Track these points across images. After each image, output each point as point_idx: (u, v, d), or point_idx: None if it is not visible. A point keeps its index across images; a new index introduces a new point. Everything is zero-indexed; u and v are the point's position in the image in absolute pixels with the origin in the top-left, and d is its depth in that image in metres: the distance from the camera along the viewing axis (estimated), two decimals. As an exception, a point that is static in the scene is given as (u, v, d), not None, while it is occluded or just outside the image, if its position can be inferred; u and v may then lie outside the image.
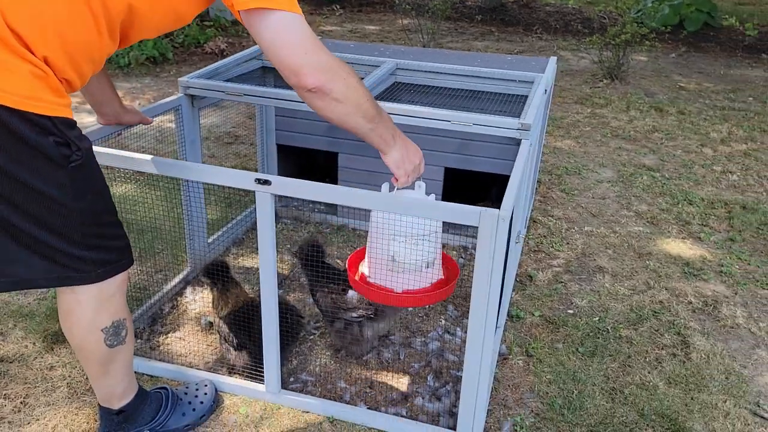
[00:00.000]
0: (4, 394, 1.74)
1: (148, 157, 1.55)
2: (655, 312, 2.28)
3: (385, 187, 1.55)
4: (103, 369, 1.46)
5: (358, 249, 1.76)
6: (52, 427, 1.64)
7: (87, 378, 1.80)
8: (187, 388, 1.71)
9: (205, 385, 1.73)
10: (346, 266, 1.70)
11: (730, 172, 3.65)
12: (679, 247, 2.77)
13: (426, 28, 6.41)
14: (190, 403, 1.66)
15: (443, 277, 1.66)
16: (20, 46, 1.11)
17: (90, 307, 1.36)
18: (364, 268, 1.67)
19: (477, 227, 1.37)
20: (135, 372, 1.69)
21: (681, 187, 3.42)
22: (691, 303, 2.35)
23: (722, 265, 2.62)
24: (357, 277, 1.65)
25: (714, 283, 2.50)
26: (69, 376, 1.81)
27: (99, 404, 1.55)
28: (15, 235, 1.22)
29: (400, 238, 1.55)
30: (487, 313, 1.45)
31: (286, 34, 1.24)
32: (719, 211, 3.14)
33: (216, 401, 1.72)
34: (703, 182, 3.51)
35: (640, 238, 2.83)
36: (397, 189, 1.55)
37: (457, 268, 1.71)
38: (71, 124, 1.21)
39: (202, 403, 1.67)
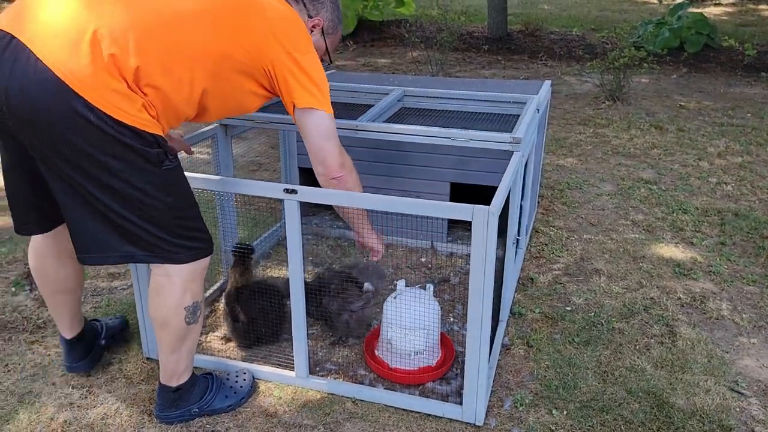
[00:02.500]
0: (72, 385, 2.01)
1: (192, 174, 1.84)
2: (646, 307, 2.50)
3: (401, 283, 2.05)
4: (177, 345, 1.74)
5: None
6: (114, 409, 1.90)
7: (140, 371, 2.07)
8: (228, 375, 1.97)
9: (244, 373, 1.99)
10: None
11: (725, 183, 3.87)
12: (671, 250, 2.99)
13: (435, 59, 6.75)
14: (231, 387, 1.92)
15: (433, 364, 2.04)
16: (137, 87, 1.46)
17: (179, 287, 1.66)
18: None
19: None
20: (195, 366, 1.96)
21: (677, 197, 3.64)
22: (680, 299, 2.57)
23: (711, 266, 2.84)
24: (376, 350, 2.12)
25: (703, 281, 2.72)
26: (125, 369, 2.08)
27: (159, 383, 1.82)
28: (119, 222, 1.53)
29: (396, 327, 1.98)
30: (483, 297, 1.69)
31: (325, 130, 1.73)
32: (712, 219, 3.36)
33: (253, 387, 1.98)
34: (698, 193, 3.73)
35: (635, 243, 3.06)
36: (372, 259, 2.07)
37: (452, 355, 2.11)
38: (165, 141, 1.55)
39: (241, 387, 1.93)
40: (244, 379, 1.97)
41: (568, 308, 2.49)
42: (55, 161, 1.47)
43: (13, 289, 2.56)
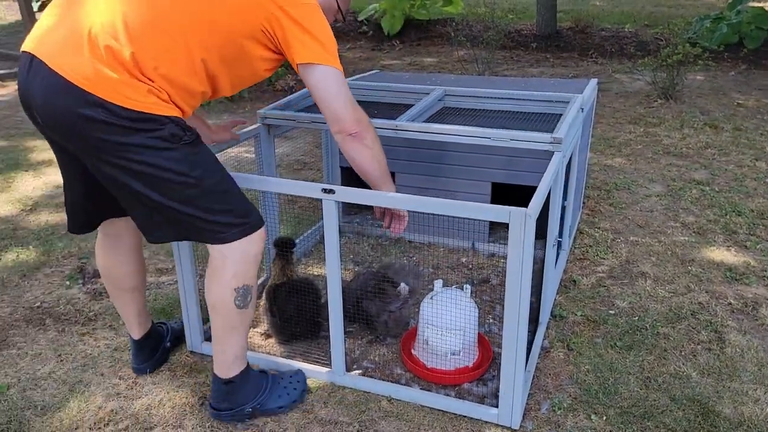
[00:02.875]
0: (119, 376, 2.08)
1: (233, 173, 1.88)
2: (694, 312, 2.42)
3: (438, 283, 2.03)
4: (226, 331, 1.77)
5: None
6: (158, 401, 1.96)
7: (183, 364, 2.13)
8: (282, 375, 1.97)
9: (298, 375, 1.98)
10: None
11: (783, 185, 3.71)
12: (723, 254, 2.89)
13: (481, 58, 6.69)
14: (285, 388, 1.92)
15: (470, 365, 2.04)
16: (140, 74, 1.50)
17: (230, 268, 1.68)
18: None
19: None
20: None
21: (731, 199, 3.51)
22: (730, 304, 2.48)
23: (766, 270, 2.72)
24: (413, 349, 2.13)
25: (756, 286, 2.61)
26: (170, 362, 2.15)
27: (213, 373, 1.85)
28: (158, 207, 1.59)
29: (433, 327, 1.98)
30: (520, 299, 1.67)
31: (330, 85, 1.65)
32: (768, 221, 3.22)
33: (306, 390, 1.97)
34: (754, 194, 3.58)
35: (684, 246, 2.97)
36: (387, 230, 2.03)
37: (490, 357, 2.10)
38: (181, 119, 1.57)
39: (295, 389, 1.92)
40: (298, 381, 1.96)
41: (611, 312, 2.43)
42: (89, 159, 1.57)
43: (68, 282, 2.67)
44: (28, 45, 1.53)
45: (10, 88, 6.48)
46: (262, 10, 1.58)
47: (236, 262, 1.69)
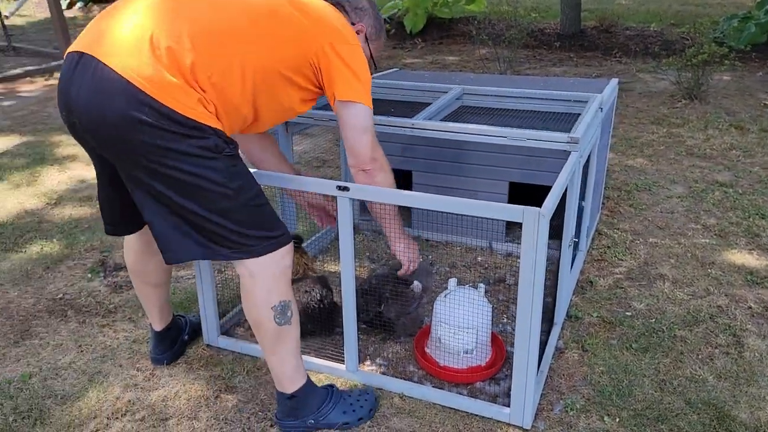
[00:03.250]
0: (137, 367, 2.13)
1: (254, 170, 1.90)
2: (712, 315, 2.39)
3: (452, 282, 2.05)
4: (274, 347, 1.75)
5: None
6: (174, 392, 2.00)
7: (200, 358, 2.16)
8: (350, 392, 1.94)
9: (368, 393, 1.94)
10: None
11: (810, 187, 3.63)
12: (744, 257, 2.84)
13: (503, 56, 6.66)
14: (351, 404, 1.88)
15: (483, 363, 2.04)
16: (195, 82, 1.51)
17: (263, 287, 1.67)
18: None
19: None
20: (251, 356, 2.04)
21: (754, 202, 3.45)
22: (750, 308, 2.44)
23: (788, 275, 2.68)
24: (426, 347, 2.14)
25: (777, 290, 2.57)
26: (186, 354, 2.18)
27: (276, 389, 1.84)
28: (191, 218, 1.57)
29: (446, 326, 1.99)
30: (533, 299, 1.67)
31: (361, 122, 1.76)
32: (792, 225, 3.16)
33: (375, 409, 1.91)
34: (778, 197, 3.52)
35: (705, 249, 2.93)
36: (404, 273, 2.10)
37: (503, 356, 2.10)
38: (224, 132, 1.58)
39: (362, 407, 1.89)
40: (366, 399, 1.92)
41: (627, 313, 2.41)
42: (126, 165, 1.55)
43: (89, 275, 2.73)
44: (77, 45, 1.52)
45: (39, 84, 6.62)
46: (314, 42, 1.66)
47: (266, 279, 1.67)
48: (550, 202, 1.66)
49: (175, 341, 2.15)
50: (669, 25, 8.99)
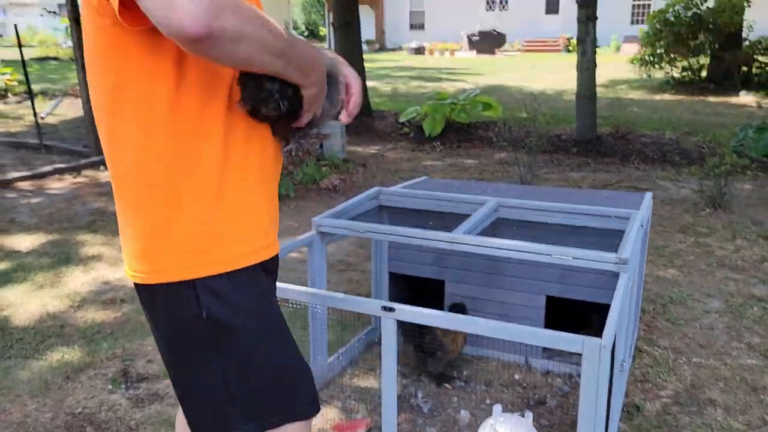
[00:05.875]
0: (157, 495, 1.98)
1: (288, 285, 1.85)
2: (774, 448, 2.23)
3: (497, 408, 2.00)
4: None
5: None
6: None
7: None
8: None
9: None
10: None
11: None
12: (797, 381, 2.70)
13: (522, 161, 6.75)
14: None
15: None
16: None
17: None
18: None
19: (581, 355, 1.52)
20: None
21: (796, 318, 3.33)
22: (813, 441, 2.28)
23: None
24: None
25: (839, 420, 2.41)
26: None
27: None
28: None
29: None
30: (593, 435, 1.55)
31: None
32: (841, 345, 3.02)
33: None
34: (820, 314, 3.39)
35: (753, 371, 2.78)
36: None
37: None
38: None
39: None
40: None
41: (681, 444, 2.25)
42: None
43: (110, 386, 2.62)
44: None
45: (67, 182, 6.75)
46: None
47: None
48: (610, 330, 1.58)
49: None
50: (683, 133, 9.18)
